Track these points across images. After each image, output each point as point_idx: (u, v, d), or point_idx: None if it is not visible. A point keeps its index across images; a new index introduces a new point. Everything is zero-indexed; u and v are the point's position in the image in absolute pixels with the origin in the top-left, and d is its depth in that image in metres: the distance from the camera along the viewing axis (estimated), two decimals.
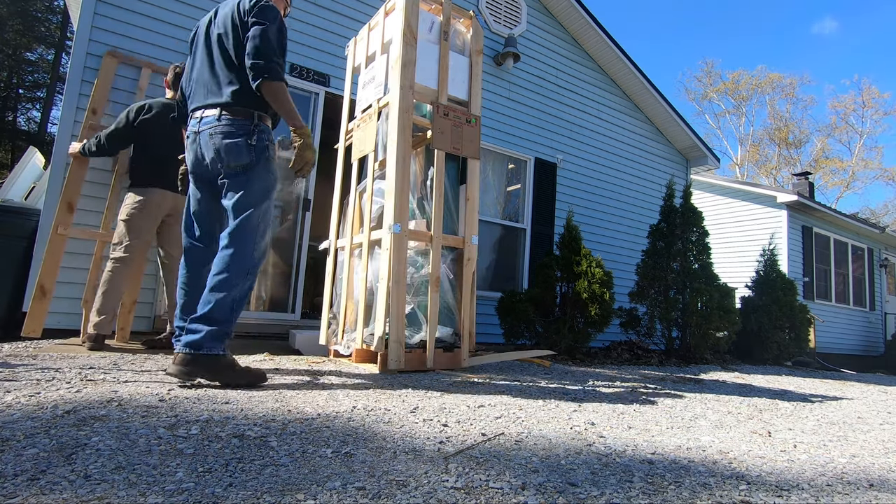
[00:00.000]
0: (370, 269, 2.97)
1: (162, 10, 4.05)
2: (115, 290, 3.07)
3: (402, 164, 2.83)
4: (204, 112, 2.18)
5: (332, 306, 3.40)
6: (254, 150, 2.14)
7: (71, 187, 3.42)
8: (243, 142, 2.12)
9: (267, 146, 2.20)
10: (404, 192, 2.83)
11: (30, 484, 0.95)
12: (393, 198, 2.79)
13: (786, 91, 28.41)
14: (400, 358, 2.68)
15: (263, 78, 2.06)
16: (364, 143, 3.22)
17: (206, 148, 2.16)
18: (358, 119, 3.42)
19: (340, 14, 4.93)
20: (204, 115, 2.17)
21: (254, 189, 2.16)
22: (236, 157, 2.12)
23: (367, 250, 3.00)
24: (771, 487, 1.18)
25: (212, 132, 2.14)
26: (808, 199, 10.31)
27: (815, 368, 7.22)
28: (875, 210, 28.49)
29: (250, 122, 2.16)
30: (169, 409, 1.54)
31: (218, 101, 2.16)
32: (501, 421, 1.70)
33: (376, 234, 2.92)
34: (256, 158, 2.15)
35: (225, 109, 2.14)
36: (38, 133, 17.18)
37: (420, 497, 0.99)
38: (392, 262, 2.71)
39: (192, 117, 2.23)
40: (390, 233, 2.74)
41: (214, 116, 2.15)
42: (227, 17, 2.21)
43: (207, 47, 2.25)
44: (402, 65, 2.89)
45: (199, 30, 2.33)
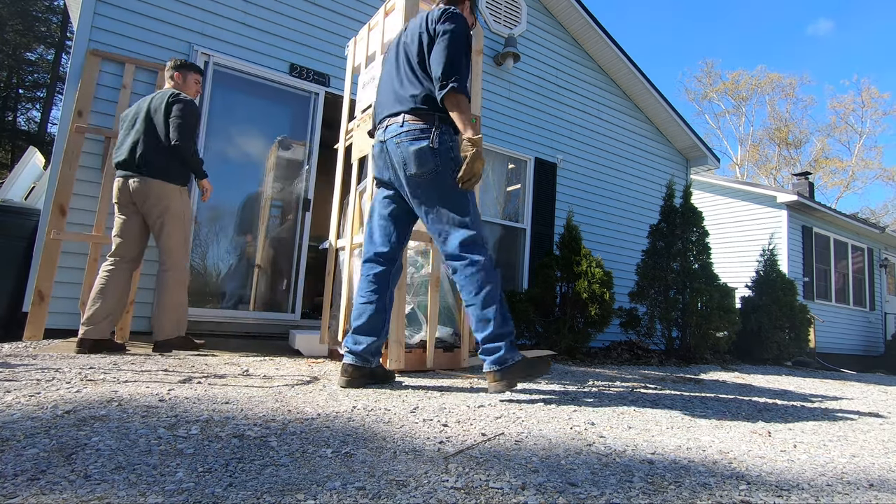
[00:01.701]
0: None
1: (162, 10, 4.05)
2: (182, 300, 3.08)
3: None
4: (389, 121, 2.22)
5: (332, 307, 3.40)
6: (438, 155, 2.12)
7: (62, 191, 3.41)
8: (427, 147, 2.12)
9: (451, 147, 2.17)
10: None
11: (30, 484, 0.95)
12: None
13: (786, 91, 28.43)
14: (400, 358, 2.68)
15: (451, 89, 2.05)
16: (364, 143, 3.22)
17: (393, 156, 2.18)
18: (358, 119, 3.43)
19: (340, 14, 4.93)
20: (389, 124, 2.21)
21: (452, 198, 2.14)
22: (422, 163, 2.11)
23: None
24: (771, 487, 1.18)
25: (397, 140, 2.16)
26: (808, 199, 10.31)
27: (815, 368, 7.22)
28: (875, 210, 28.51)
29: (431, 126, 2.14)
30: (169, 409, 1.54)
31: (401, 108, 2.18)
32: (501, 421, 1.70)
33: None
34: (442, 163, 2.13)
35: (409, 116, 2.16)
36: (38, 133, 17.18)
37: (420, 497, 0.99)
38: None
39: (379, 127, 2.28)
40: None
41: (398, 124, 2.17)
42: (416, 27, 2.25)
43: (396, 59, 2.30)
44: None
45: (391, 45, 2.41)
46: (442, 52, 2.10)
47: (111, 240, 3.08)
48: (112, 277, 2.97)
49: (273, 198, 4.64)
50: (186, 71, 3.25)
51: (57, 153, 3.58)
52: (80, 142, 3.55)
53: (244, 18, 4.41)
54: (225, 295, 4.44)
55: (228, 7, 4.34)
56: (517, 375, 2.08)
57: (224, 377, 2.22)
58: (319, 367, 2.79)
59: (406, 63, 2.23)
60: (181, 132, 2.97)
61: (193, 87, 3.28)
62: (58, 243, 3.37)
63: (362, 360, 2.20)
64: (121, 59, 3.82)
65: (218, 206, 4.43)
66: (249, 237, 4.58)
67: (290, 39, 4.62)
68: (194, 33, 4.17)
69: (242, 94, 4.51)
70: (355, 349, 2.20)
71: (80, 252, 3.55)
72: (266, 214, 4.61)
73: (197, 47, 4.15)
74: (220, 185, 4.40)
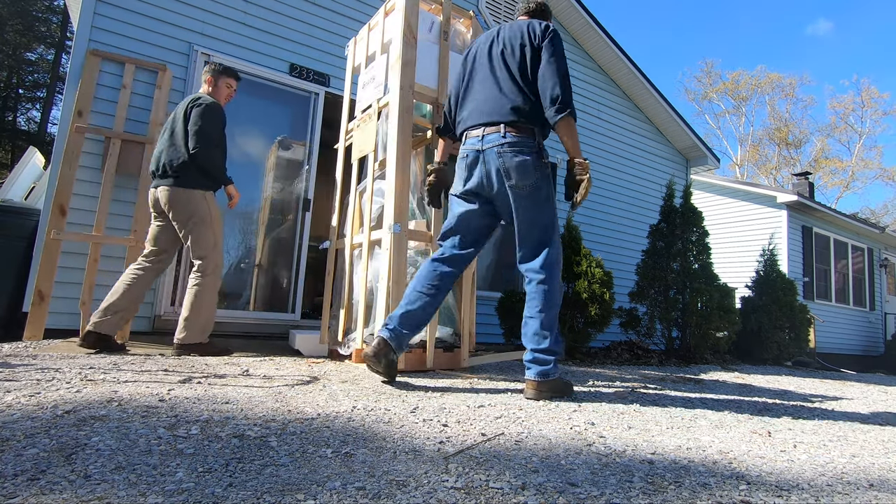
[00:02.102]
0: (370, 270, 2.97)
1: (162, 10, 4.05)
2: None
3: (402, 164, 2.81)
4: (486, 130, 2.21)
5: (332, 307, 3.39)
6: (539, 169, 2.17)
7: (62, 191, 3.41)
8: (531, 161, 2.15)
9: (546, 164, 2.22)
10: (404, 193, 2.81)
11: (30, 484, 0.95)
12: (393, 198, 2.77)
13: (785, 91, 28.45)
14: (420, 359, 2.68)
15: (566, 113, 2.11)
16: (364, 143, 3.21)
17: (492, 165, 2.18)
18: (358, 119, 3.40)
19: (340, 14, 4.93)
20: (486, 133, 2.20)
21: (544, 213, 2.22)
22: (524, 175, 2.15)
23: (367, 250, 3.00)
24: (771, 487, 1.18)
25: (499, 150, 2.16)
26: (808, 199, 10.31)
27: (815, 368, 7.22)
28: (875, 210, 28.53)
29: (534, 141, 2.19)
30: (169, 409, 1.54)
31: (501, 119, 2.18)
32: (501, 421, 1.70)
33: (376, 234, 2.91)
34: (542, 178, 2.19)
35: (510, 127, 2.17)
36: (38, 133, 17.18)
37: (420, 497, 0.99)
38: (392, 263, 2.70)
39: (469, 135, 2.28)
40: (390, 233, 2.73)
41: (499, 134, 2.17)
42: (517, 37, 2.25)
43: (490, 66, 2.29)
44: (402, 64, 2.89)
45: (479, 49, 2.39)
46: (555, 73, 2.14)
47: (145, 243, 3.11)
48: (138, 279, 2.98)
49: (273, 198, 4.64)
50: (219, 75, 3.20)
51: (57, 153, 3.58)
52: (80, 142, 3.55)
53: (244, 18, 4.41)
54: (225, 295, 4.44)
55: (228, 7, 4.34)
56: (553, 391, 2.18)
57: (224, 377, 2.22)
58: (319, 367, 2.79)
59: (506, 72, 2.23)
60: (199, 139, 2.93)
61: (224, 91, 3.23)
62: (58, 243, 3.37)
63: (396, 345, 2.20)
64: (121, 59, 3.82)
65: (218, 206, 4.43)
66: (249, 237, 4.58)
67: (290, 39, 4.62)
68: (194, 33, 4.17)
69: (242, 94, 4.50)
70: (399, 329, 2.20)
71: (80, 252, 3.55)
72: (266, 214, 4.61)
73: (197, 47, 4.15)
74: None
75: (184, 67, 4.10)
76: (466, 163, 2.28)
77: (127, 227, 3.65)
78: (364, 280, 2.94)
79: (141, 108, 3.88)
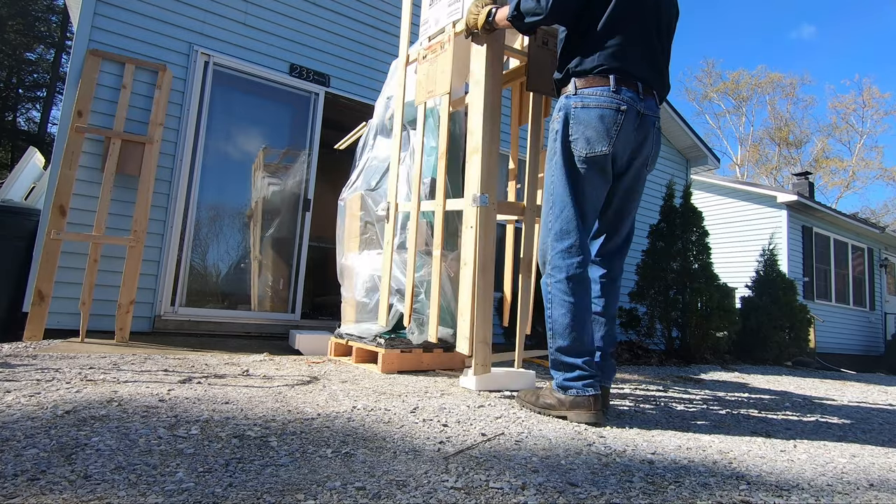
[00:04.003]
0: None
1: (162, 10, 4.05)
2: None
3: (491, 111, 2.16)
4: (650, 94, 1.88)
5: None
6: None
7: (62, 191, 3.41)
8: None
9: None
10: (493, 152, 2.18)
11: (30, 484, 0.95)
12: (480, 159, 2.11)
13: (786, 91, 28.45)
14: (486, 363, 2.12)
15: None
16: (434, 82, 2.50)
17: (650, 136, 1.89)
18: (423, 48, 2.66)
19: (340, 14, 4.93)
20: (648, 98, 1.87)
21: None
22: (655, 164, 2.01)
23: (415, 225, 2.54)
24: (771, 487, 1.18)
25: (657, 123, 1.92)
26: (808, 199, 10.32)
27: (815, 368, 7.22)
28: (875, 210, 28.51)
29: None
30: (169, 409, 1.54)
31: (656, 90, 1.92)
32: (501, 421, 1.70)
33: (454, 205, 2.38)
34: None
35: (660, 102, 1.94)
36: (38, 133, 17.19)
37: (420, 497, 0.99)
38: (479, 244, 2.10)
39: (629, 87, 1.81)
40: (476, 205, 2.13)
41: (657, 104, 1.93)
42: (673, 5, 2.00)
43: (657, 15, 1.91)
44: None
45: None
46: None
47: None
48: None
49: (273, 198, 4.64)
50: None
51: (57, 153, 3.58)
52: (80, 142, 3.55)
53: (244, 18, 4.41)
54: (225, 295, 4.44)
55: (228, 7, 4.34)
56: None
57: (224, 377, 2.22)
58: (319, 367, 2.79)
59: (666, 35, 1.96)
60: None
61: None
62: (58, 243, 3.37)
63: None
64: (121, 59, 3.82)
65: (218, 206, 4.44)
66: (249, 237, 4.58)
67: (290, 39, 4.62)
68: (194, 33, 4.17)
69: (243, 94, 4.51)
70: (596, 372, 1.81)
71: (80, 252, 3.55)
72: (266, 214, 4.61)
73: (197, 47, 4.15)
74: (220, 185, 4.41)
75: (184, 67, 4.09)
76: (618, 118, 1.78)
77: (127, 227, 3.65)
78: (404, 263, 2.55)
79: (141, 108, 3.88)
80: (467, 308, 2.15)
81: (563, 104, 1.87)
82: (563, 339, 1.79)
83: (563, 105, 1.87)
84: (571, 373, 1.77)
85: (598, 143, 1.79)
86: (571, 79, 1.87)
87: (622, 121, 1.78)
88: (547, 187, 1.91)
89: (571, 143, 1.82)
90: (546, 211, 1.90)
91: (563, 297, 1.80)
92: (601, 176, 1.86)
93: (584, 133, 1.80)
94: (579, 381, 1.76)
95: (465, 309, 2.16)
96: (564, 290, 1.80)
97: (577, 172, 1.83)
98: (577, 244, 1.82)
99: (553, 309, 1.82)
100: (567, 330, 1.78)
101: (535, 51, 2.40)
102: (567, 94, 1.87)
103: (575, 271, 1.80)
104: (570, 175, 1.83)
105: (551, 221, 1.86)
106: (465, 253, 2.16)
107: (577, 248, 1.81)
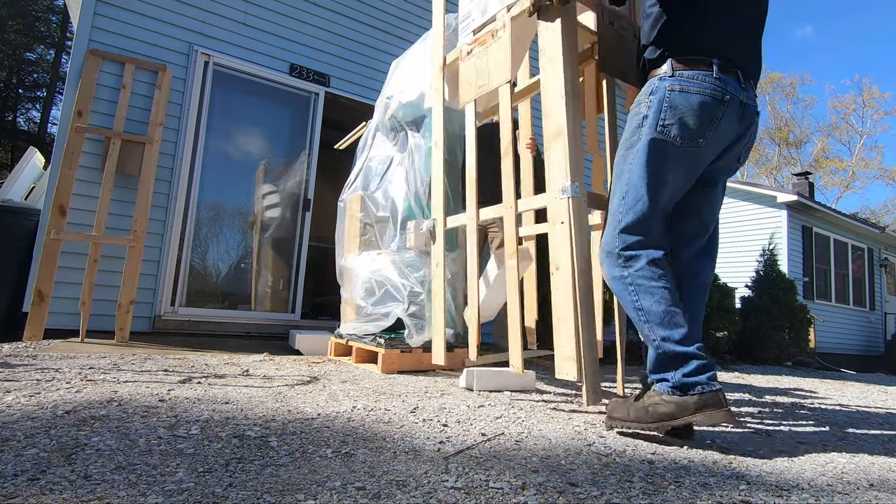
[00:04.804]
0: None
1: (162, 10, 4.05)
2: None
3: (572, 86, 1.93)
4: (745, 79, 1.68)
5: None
6: None
7: (62, 191, 3.41)
8: None
9: None
10: (578, 134, 1.93)
11: (30, 484, 0.95)
12: (566, 141, 1.87)
13: (786, 91, 28.47)
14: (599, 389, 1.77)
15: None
16: (486, 76, 2.27)
17: (752, 128, 1.72)
18: (469, 42, 2.42)
19: (340, 14, 4.93)
20: (747, 85, 1.68)
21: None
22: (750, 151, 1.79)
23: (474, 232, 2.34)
24: (771, 487, 1.18)
25: (756, 120, 1.74)
26: (808, 199, 10.32)
27: (815, 368, 7.22)
28: (875, 210, 28.53)
29: None
30: (169, 409, 1.54)
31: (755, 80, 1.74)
32: (501, 421, 1.70)
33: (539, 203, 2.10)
34: None
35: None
36: (38, 133, 17.19)
37: (420, 497, 0.99)
38: (576, 242, 1.81)
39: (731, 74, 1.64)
40: (566, 196, 1.85)
41: (755, 93, 1.75)
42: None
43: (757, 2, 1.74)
44: None
45: None
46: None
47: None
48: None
49: (273, 198, 4.64)
50: None
51: (57, 153, 3.58)
52: (80, 142, 3.55)
53: (244, 18, 4.41)
54: (225, 295, 4.44)
55: (228, 7, 4.34)
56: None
57: (224, 377, 2.22)
58: (319, 367, 2.79)
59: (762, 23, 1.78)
60: None
61: None
62: (58, 243, 3.37)
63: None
64: (121, 59, 3.82)
65: (218, 206, 4.44)
66: (250, 237, 4.58)
67: (290, 39, 4.62)
68: (194, 33, 4.17)
69: (243, 94, 4.51)
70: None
71: (80, 252, 3.55)
72: (266, 214, 4.61)
73: (197, 47, 4.15)
74: (221, 185, 4.41)
75: (184, 67, 4.10)
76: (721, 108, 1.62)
77: (127, 227, 3.65)
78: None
79: (141, 108, 3.88)
80: (569, 322, 1.76)
81: (657, 86, 1.65)
82: (664, 327, 1.53)
83: (655, 87, 1.66)
84: (689, 365, 1.49)
85: (695, 132, 1.60)
86: (668, 59, 1.66)
87: (724, 112, 1.60)
88: (620, 176, 1.71)
89: (663, 130, 1.61)
90: (617, 201, 1.70)
91: (649, 284, 1.58)
92: (690, 168, 1.68)
93: (681, 120, 1.60)
94: (702, 374, 1.48)
95: (565, 323, 1.79)
96: (649, 276, 1.59)
97: (663, 162, 1.62)
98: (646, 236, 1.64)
99: (641, 299, 1.59)
100: (666, 316, 1.54)
101: (604, 30, 2.18)
102: (662, 76, 1.66)
103: (655, 254, 1.61)
104: (654, 165, 1.62)
105: (622, 212, 1.66)
106: (557, 255, 1.86)
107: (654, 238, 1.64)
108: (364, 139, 3.66)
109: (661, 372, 1.55)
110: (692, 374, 1.48)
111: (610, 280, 1.68)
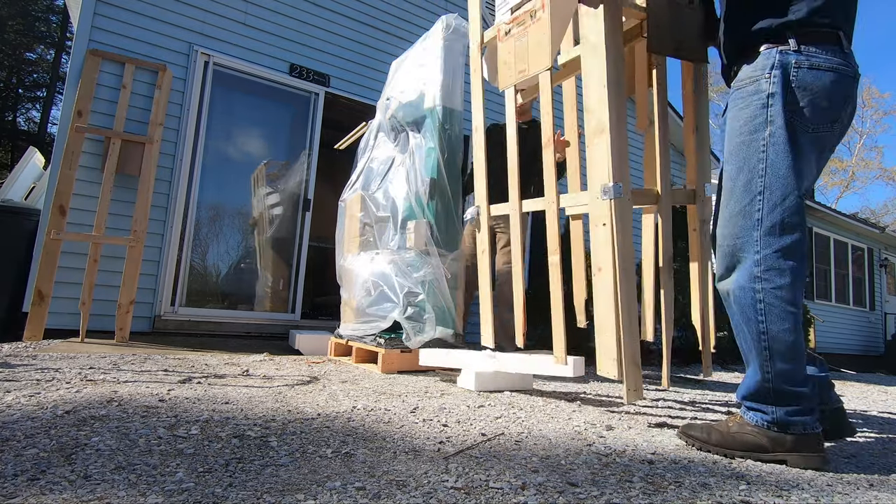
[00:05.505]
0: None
1: (162, 10, 4.05)
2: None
3: (616, 79, 1.76)
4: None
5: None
6: None
7: (62, 191, 3.41)
8: None
9: None
10: (622, 130, 1.78)
11: (30, 484, 0.95)
12: (608, 140, 1.74)
13: None
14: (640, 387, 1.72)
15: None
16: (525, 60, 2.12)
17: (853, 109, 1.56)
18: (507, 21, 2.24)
19: (340, 14, 4.93)
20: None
21: None
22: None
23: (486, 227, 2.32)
24: (771, 487, 1.18)
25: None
26: (808, 199, 10.31)
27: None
28: (875, 210, 28.53)
29: None
30: (169, 410, 1.54)
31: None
32: (501, 421, 1.70)
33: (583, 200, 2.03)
34: None
35: None
36: (38, 133, 17.18)
37: (420, 497, 0.99)
38: (618, 244, 1.75)
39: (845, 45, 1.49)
40: (609, 198, 1.74)
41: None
42: None
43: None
44: None
45: None
46: None
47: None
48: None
49: (273, 198, 4.64)
50: None
51: (57, 153, 3.58)
52: (80, 142, 3.55)
53: (244, 18, 4.41)
54: (225, 295, 4.44)
55: (228, 7, 4.34)
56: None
57: (224, 377, 2.22)
58: (319, 367, 2.79)
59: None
60: None
61: None
62: (58, 243, 3.37)
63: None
64: (121, 59, 3.82)
65: (218, 206, 4.44)
66: (250, 237, 4.58)
67: (290, 39, 4.62)
68: (194, 33, 4.17)
69: (243, 94, 4.51)
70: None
71: (80, 252, 3.55)
72: (266, 214, 4.62)
73: (197, 47, 4.16)
74: (221, 185, 4.41)
75: (184, 67, 4.10)
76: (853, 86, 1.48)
77: (127, 227, 3.65)
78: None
79: (141, 108, 3.88)
80: (610, 322, 1.74)
81: (779, 61, 1.47)
82: (785, 361, 1.38)
83: (777, 62, 1.47)
84: (796, 405, 1.38)
85: (829, 114, 1.44)
86: (789, 30, 1.48)
87: (853, 90, 1.47)
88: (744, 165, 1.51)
89: (794, 112, 1.44)
90: (746, 198, 1.48)
91: (785, 308, 1.39)
92: (820, 155, 1.51)
93: (814, 101, 1.43)
94: (807, 416, 1.38)
95: (606, 323, 1.76)
96: (787, 299, 1.39)
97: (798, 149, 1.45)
98: (800, 240, 1.42)
99: (770, 322, 1.40)
100: (791, 350, 1.38)
101: (653, 4, 1.97)
102: (783, 50, 1.47)
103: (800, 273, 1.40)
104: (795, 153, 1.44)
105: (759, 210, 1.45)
106: (599, 256, 1.80)
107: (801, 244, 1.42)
108: (366, 139, 3.66)
109: (758, 402, 1.43)
110: (798, 414, 1.38)
111: (732, 287, 1.48)
